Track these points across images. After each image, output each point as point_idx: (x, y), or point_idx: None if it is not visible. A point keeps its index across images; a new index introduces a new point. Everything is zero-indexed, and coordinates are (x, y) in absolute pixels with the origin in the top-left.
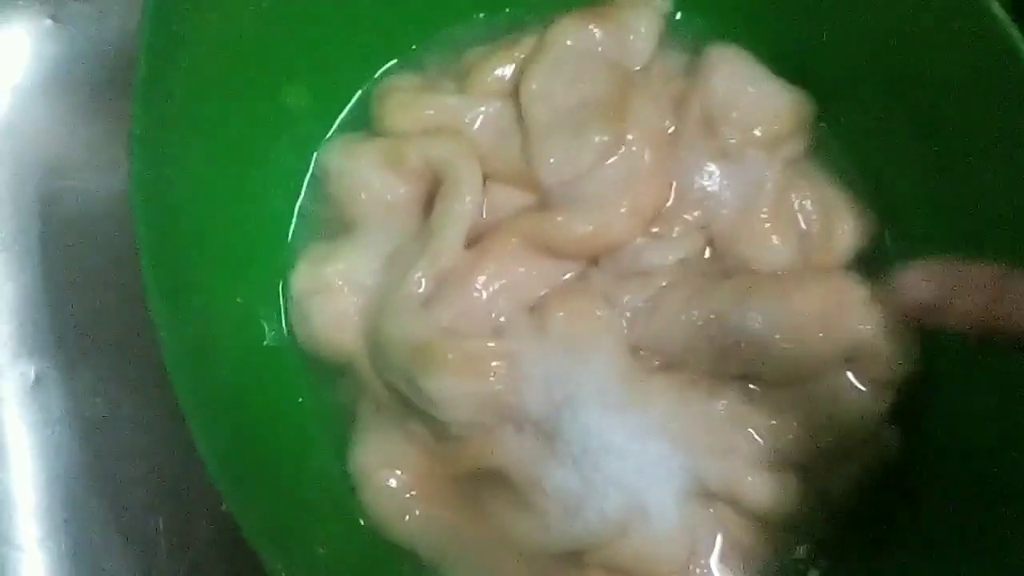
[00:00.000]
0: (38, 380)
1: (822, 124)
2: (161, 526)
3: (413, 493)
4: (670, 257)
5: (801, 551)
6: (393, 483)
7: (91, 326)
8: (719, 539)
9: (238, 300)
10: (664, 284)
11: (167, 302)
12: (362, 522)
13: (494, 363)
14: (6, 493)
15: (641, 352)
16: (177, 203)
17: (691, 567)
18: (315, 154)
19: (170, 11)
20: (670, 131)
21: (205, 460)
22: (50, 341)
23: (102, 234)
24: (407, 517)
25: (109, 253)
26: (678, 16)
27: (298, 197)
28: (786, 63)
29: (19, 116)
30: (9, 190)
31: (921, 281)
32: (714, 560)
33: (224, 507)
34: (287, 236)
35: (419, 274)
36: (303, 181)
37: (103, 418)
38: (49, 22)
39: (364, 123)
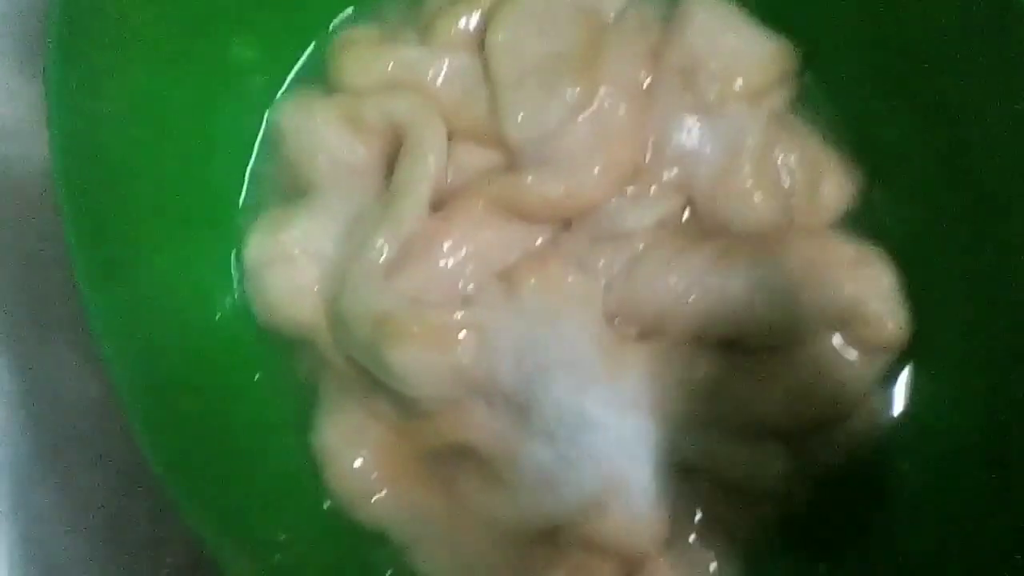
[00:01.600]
0: None
1: (807, 74)
2: (115, 513)
3: (380, 473)
4: (647, 218)
5: (784, 523)
6: (359, 463)
7: (40, 304)
8: (700, 513)
9: (185, 273)
10: (641, 247)
11: (97, 279)
12: (327, 505)
13: (462, 334)
14: None
15: (617, 320)
16: (108, 170)
17: (672, 542)
18: (266, 113)
19: None
20: (646, 84)
21: (143, 451)
22: None
23: (47, 205)
24: (375, 498)
25: (55, 226)
26: None
27: (249, 159)
28: (768, 10)
29: None
30: None
31: None
32: (696, 535)
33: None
34: (238, 202)
35: (380, 241)
36: (254, 142)
37: (55, 399)
38: None
39: (319, 79)
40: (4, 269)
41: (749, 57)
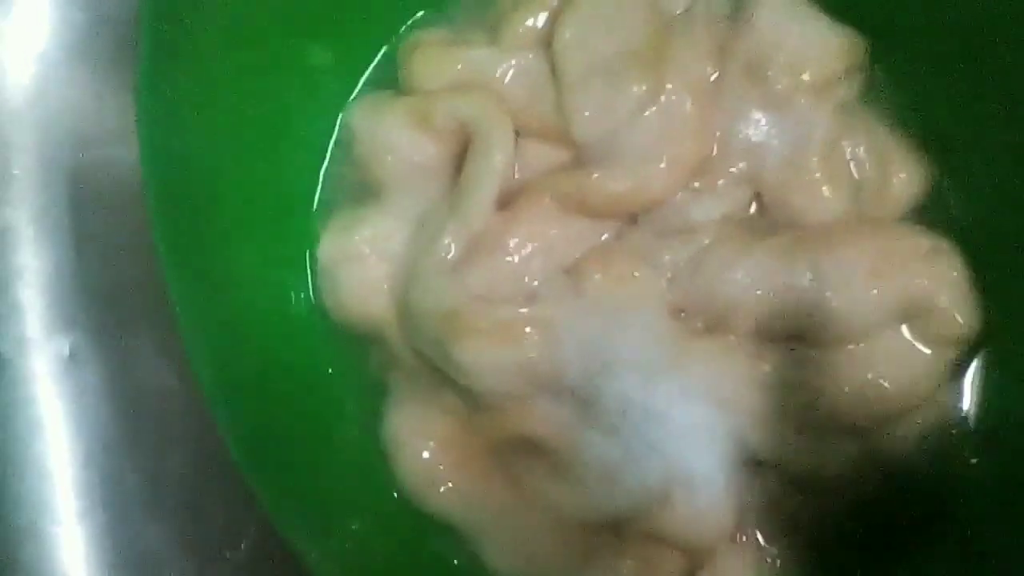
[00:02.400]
0: (72, 355)
1: (875, 65)
2: (195, 499)
3: (448, 464)
4: (714, 212)
5: (849, 516)
6: (427, 454)
7: (124, 298)
8: (767, 506)
9: (263, 270)
10: (707, 241)
11: (183, 276)
12: (396, 495)
13: (527, 329)
14: (44, 469)
15: (683, 314)
16: (193, 175)
17: (738, 536)
18: (340, 115)
19: None
20: (712, 78)
21: (228, 444)
22: (83, 315)
23: (132, 205)
24: (442, 488)
25: (139, 224)
26: None
27: (323, 161)
28: (835, 2)
29: (44, 86)
30: (36, 162)
31: None
32: (762, 529)
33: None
34: (313, 202)
35: (448, 239)
36: (328, 144)
37: (138, 390)
38: None
39: (391, 81)
40: (91, 266)
41: (816, 50)
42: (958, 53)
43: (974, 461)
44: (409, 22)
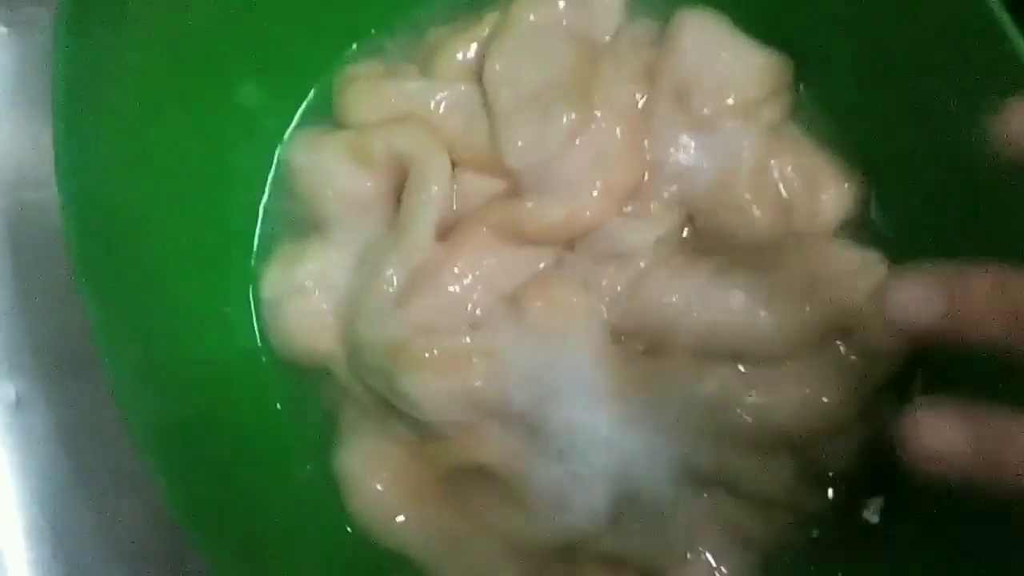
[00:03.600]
0: (19, 400)
1: (800, 86)
2: (149, 541)
3: (401, 495)
4: (648, 236)
5: (799, 529)
6: (379, 486)
7: (69, 341)
8: (717, 522)
9: (203, 309)
10: (643, 265)
11: (107, 321)
12: (349, 529)
13: (473, 359)
14: None
15: (623, 337)
16: (116, 216)
17: (689, 555)
18: (277, 150)
19: (86, 27)
20: (641, 104)
21: (160, 499)
22: (29, 359)
23: None
24: (396, 520)
25: None
26: None
27: (262, 197)
28: (759, 24)
29: None
30: None
31: (920, 298)
32: (712, 545)
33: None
34: (254, 238)
35: (391, 271)
36: (266, 180)
37: (87, 433)
38: (3, 29)
39: (327, 114)
40: (40, 307)
41: (741, 72)
42: (878, 71)
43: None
44: (341, 56)
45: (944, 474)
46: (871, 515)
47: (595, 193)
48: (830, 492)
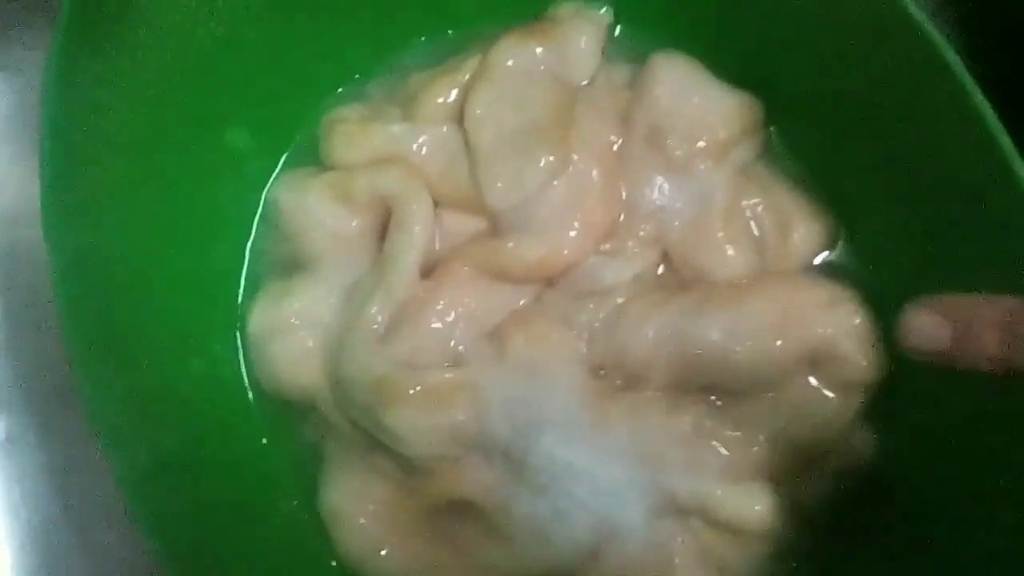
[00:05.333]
0: (8, 438)
1: (771, 127)
2: (143, 574)
3: (385, 529)
4: (625, 274)
5: (778, 560)
6: (364, 520)
7: (57, 378)
8: (695, 554)
9: (191, 346)
10: (621, 301)
11: (95, 363)
12: (334, 563)
13: (456, 394)
14: None
15: (602, 372)
16: (112, 256)
17: None
18: (264, 192)
19: (75, 72)
20: (616, 146)
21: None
22: (18, 397)
23: None
24: (381, 553)
25: None
26: (618, 30)
27: (249, 237)
28: (731, 68)
29: None
30: None
31: (933, 325)
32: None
33: None
34: (241, 276)
35: (375, 309)
36: (253, 220)
37: (77, 469)
38: None
39: (313, 156)
40: (30, 344)
41: (713, 115)
42: (847, 116)
43: (891, 498)
44: (327, 100)
45: (933, 359)
46: (847, 546)
47: (573, 232)
48: (807, 523)
